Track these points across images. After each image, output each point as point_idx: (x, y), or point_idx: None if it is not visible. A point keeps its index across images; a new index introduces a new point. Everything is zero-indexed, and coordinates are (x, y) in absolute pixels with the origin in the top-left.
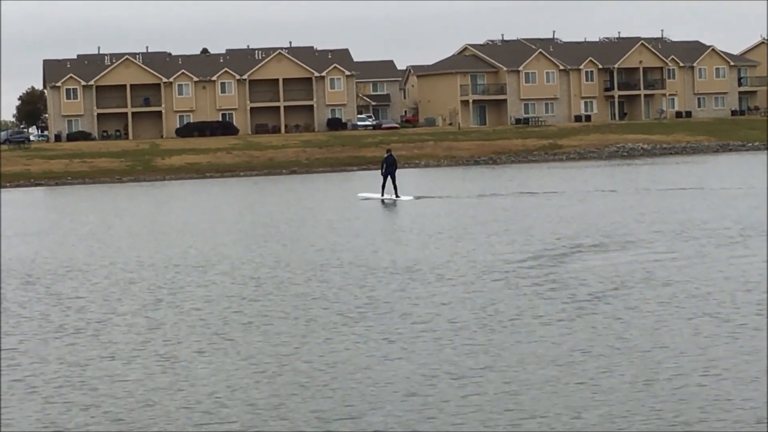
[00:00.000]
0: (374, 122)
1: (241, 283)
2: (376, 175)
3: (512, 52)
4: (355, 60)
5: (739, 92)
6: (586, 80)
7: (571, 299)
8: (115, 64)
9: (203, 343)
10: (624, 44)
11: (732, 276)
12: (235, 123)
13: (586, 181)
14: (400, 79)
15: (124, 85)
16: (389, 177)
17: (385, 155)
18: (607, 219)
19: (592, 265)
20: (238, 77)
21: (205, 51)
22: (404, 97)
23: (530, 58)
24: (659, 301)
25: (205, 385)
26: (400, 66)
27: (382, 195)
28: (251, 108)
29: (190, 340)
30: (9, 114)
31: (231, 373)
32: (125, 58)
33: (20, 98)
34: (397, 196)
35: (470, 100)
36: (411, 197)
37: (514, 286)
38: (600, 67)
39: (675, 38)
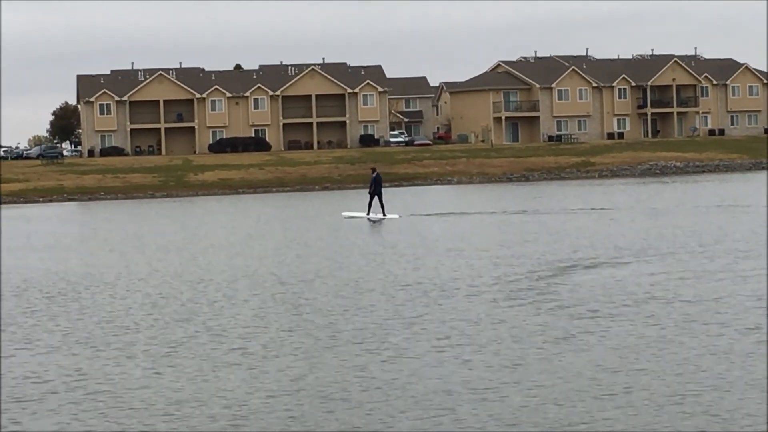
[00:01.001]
0: (407, 139)
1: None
2: (408, 191)
3: (545, 69)
4: (388, 76)
5: None
6: (619, 97)
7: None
8: (148, 80)
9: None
10: (657, 61)
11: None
12: (267, 139)
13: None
14: (433, 95)
15: (158, 101)
16: (376, 196)
17: (372, 174)
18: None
19: (576, 281)
20: (271, 93)
21: (238, 67)
22: (437, 114)
23: (563, 75)
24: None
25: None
26: (433, 83)
27: (368, 213)
28: (284, 124)
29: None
30: (43, 129)
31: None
32: (159, 73)
33: (54, 113)
34: (384, 215)
35: (503, 117)
36: (396, 215)
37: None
38: (633, 84)
39: (708, 56)
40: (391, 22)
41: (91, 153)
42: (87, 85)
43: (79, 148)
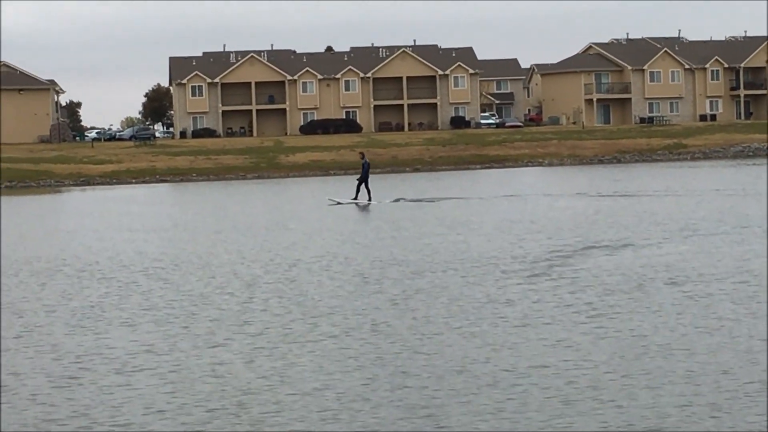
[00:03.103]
0: (498, 120)
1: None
2: (496, 173)
3: (637, 51)
4: (479, 58)
5: None
6: (712, 79)
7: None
8: (240, 62)
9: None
10: (750, 43)
11: None
12: (358, 120)
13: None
14: (524, 77)
15: (249, 83)
16: (364, 181)
17: (362, 160)
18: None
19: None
20: (362, 75)
21: (329, 49)
22: (528, 96)
23: (655, 57)
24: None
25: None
26: (524, 64)
27: (356, 198)
28: (375, 106)
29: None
30: (135, 111)
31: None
32: (250, 55)
33: (146, 95)
34: (369, 200)
35: (594, 99)
36: (377, 201)
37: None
38: (726, 66)
39: None
40: (483, 4)
41: (183, 134)
42: (179, 67)
43: (171, 129)
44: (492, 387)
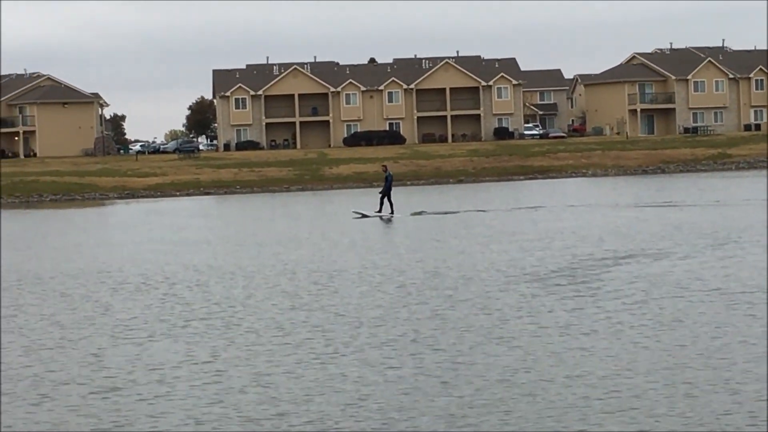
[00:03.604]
0: (541, 131)
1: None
2: (543, 183)
3: (681, 61)
4: (522, 69)
5: None
6: (756, 89)
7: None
8: (283, 74)
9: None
10: None
11: None
12: (402, 132)
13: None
14: (568, 88)
15: (292, 95)
16: (387, 194)
17: (386, 173)
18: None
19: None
20: (405, 86)
21: (372, 60)
22: (571, 107)
23: (699, 67)
24: None
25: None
26: (568, 75)
27: (380, 211)
28: (418, 117)
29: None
30: (179, 124)
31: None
32: (293, 68)
33: (190, 108)
34: (392, 212)
35: (638, 109)
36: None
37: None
38: None
39: None
40: (526, 15)
41: (226, 147)
42: (223, 79)
43: (214, 142)
44: (531, 396)
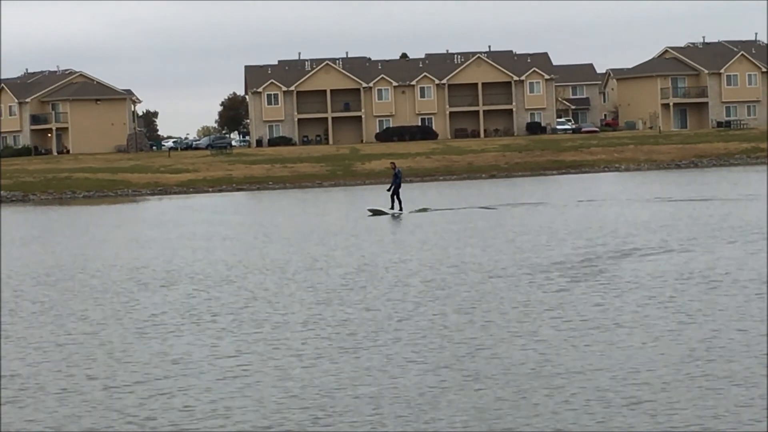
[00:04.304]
0: (574, 126)
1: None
2: (573, 179)
3: (713, 55)
4: (554, 64)
5: None
6: None
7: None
8: (315, 70)
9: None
10: None
11: None
12: (434, 127)
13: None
14: (600, 82)
15: (325, 91)
16: (396, 191)
17: (394, 170)
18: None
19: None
20: (437, 81)
21: (404, 56)
22: (604, 101)
23: (732, 61)
24: None
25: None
26: (600, 69)
27: (392, 208)
28: (450, 112)
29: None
30: (211, 120)
31: None
32: (325, 63)
33: (222, 104)
34: (400, 209)
35: (671, 103)
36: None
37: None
38: None
39: None
40: (558, 10)
41: (259, 143)
42: (255, 75)
43: (247, 138)
44: (554, 389)
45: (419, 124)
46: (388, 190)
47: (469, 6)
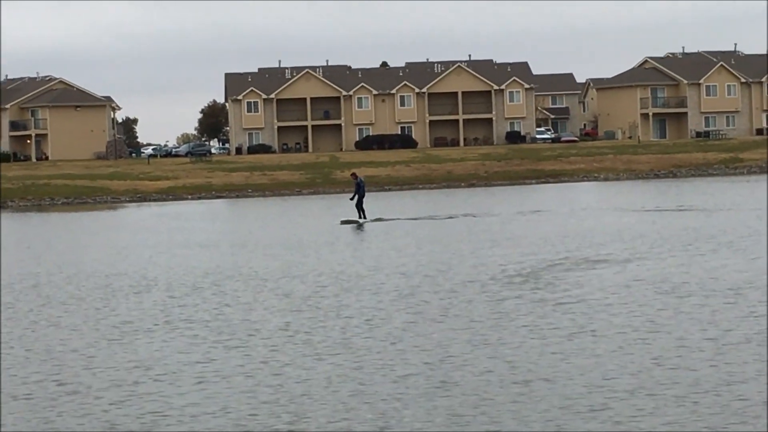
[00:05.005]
0: (553, 135)
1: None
2: (554, 188)
3: (693, 65)
4: (534, 73)
5: None
6: None
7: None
8: (295, 78)
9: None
10: None
11: None
12: (414, 136)
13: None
14: (580, 92)
15: (305, 98)
16: (359, 201)
17: (356, 180)
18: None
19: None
20: (417, 90)
21: (384, 64)
22: (583, 110)
23: (711, 71)
24: None
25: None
26: (580, 79)
27: (360, 218)
28: (430, 121)
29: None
30: (191, 127)
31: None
32: (305, 71)
33: (202, 111)
34: (364, 218)
35: (650, 113)
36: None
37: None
38: None
39: None
40: (538, 19)
41: (238, 150)
42: (235, 83)
43: (226, 145)
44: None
45: (399, 132)
46: (351, 199)
47: (450, 15)
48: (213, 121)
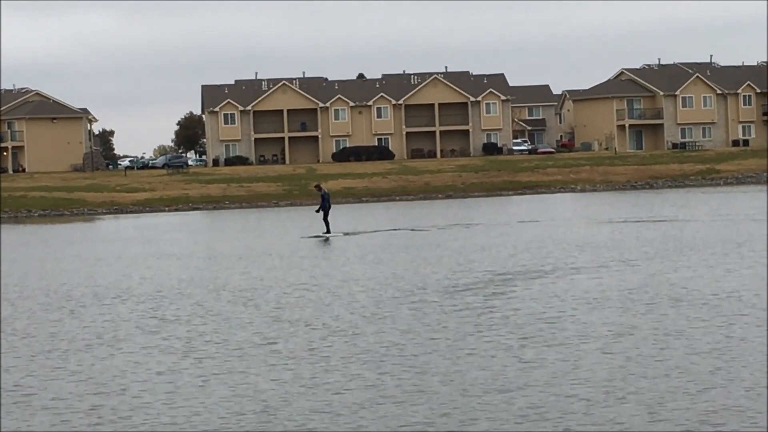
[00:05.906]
0: (530, 147)
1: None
2: (531, 199)
3: (669, 77)
4: (510, 85)
5: None
6: (744, 104)
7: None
8: (272, 90)
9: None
10: None
11: None
12: (390, 148)
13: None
14: (556, 103)
15: (281, 110)
16: (324, 213)
17: (320, 192)
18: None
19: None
20: (394, 102)
21: (361, 76)
22: (560, 122)
23: (687, 83)
24: None
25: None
26: (556, 91)
27: (327, 231)
28: (407, 133)
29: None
30: (168, 139)
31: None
32: (282, 83)
33: (179, 123)
34: (328, 232)
35: (626, 125)
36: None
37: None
38: (758, 91)
39: None
40: (514, 31)
41: (215, 162)
42: (211, 95)
43: (203, 157)
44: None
45: (376, 144)
46: (317, 211)
47: (426, 27)
48: (190, 132)
